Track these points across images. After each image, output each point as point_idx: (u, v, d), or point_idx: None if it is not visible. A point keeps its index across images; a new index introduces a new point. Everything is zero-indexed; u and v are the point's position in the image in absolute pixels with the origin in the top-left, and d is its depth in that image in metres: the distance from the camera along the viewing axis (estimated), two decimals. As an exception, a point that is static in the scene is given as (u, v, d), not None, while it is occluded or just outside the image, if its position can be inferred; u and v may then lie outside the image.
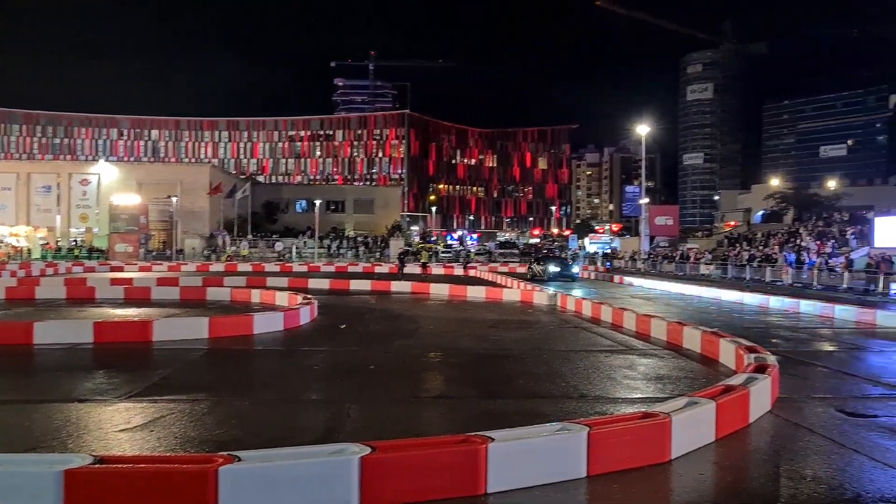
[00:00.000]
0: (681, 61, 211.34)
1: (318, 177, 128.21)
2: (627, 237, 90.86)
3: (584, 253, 75.48)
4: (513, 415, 8.00)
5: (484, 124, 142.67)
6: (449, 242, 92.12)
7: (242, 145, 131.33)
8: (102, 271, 46.05)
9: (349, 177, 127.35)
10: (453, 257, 67.09)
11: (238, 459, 4.95)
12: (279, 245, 69.87)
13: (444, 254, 72.43)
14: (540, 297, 24.94)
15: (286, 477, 4.95)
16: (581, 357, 12.73)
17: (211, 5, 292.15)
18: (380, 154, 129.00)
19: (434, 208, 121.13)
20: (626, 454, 6.12)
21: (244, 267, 51.15)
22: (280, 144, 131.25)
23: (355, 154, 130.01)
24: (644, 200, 67.43)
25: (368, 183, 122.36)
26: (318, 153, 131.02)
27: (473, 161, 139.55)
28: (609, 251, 74.00)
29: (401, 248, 57.91)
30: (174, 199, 67.12)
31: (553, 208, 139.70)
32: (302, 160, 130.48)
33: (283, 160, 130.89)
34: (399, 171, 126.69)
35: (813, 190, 79.15)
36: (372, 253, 71.00)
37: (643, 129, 63.17)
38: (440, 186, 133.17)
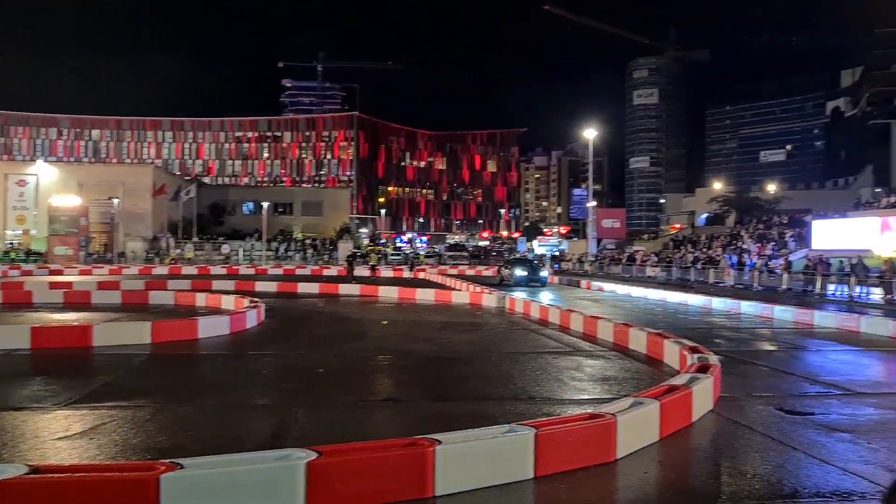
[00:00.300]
0: (627, 66, 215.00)
1: (266, 178, 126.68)
2: (575, 240, 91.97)
3: (533, 255, 76.14)
4: (461, 417, 8.00)
5: (433, 127, 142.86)
6: (398, 245, 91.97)
7: (187, 146, 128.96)
8: (41, 275, 44.62)
9: (297, 179, 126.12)
10: (402, 260, 66.98)
11: (180, 467, 4.83)
12: (226, 248, 68.81)
13: (394, 256, 72.30)
14: (489, 300, 25.06)
15: (230, 484, 4.86)
16: (529, 359, 12.82)
17: (155, 2, 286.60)
18: (328, 156, 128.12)
19: (383, 211, 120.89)
20: (573, 455, 6.17)
21: (189, 270, 50.24)
22: (226, 145, 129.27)
23: (303, 156, 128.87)
24: (591, 203, 68.39)
25: (317, 185, 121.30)
26: (266, 154, 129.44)
27: (423, 163, 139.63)
28: (557, 253, 74.85)
29: (349, 251, 57.55)
30: (116, 201, 65.54)
31: (502, 211, 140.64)
32: (249, 161, 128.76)
33: (230, 161, 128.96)
34: (348, 174, 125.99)
35: (754, 193, 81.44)
36: (320, 255, 70.44)
37: (591, 133, 64.01)
38: (389, 189, 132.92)
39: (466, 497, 5.53)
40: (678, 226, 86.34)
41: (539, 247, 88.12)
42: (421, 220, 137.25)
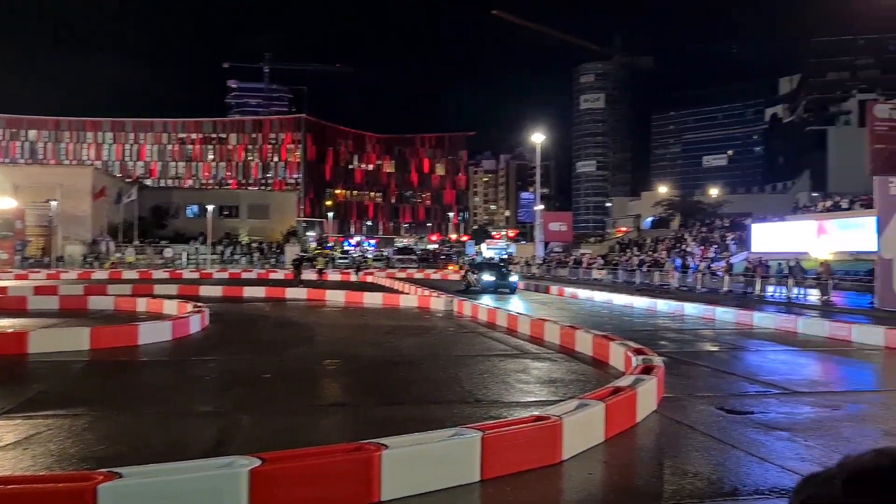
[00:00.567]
0: (574, 71, 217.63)
1: (211, 181, 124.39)
2: (523, 243, 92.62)
3: (482, 258, 76.42)
4: (408, 421, 7.98)
5: (382, 130, 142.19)
6: (346, 248, 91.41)
7: (128, 147, 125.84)
8: (-27, 280, 43.08)
9: (243, 181, 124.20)
10: (350, 263, 66.57)
11: (119, 476, 4.70)
12: (168, 251, 67.42)
13: (342, 260, 71.80)
14: (437, 303, 25.09)
15: (171, 493, 4.75)
16: (477, 362, 12.86)
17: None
18: (275, 158, 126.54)
19: (331, 214, 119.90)
20: (519, 457, 6.21)
21: (130, 274, 49.05)
22: (169, 147, 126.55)
23: (250, 158, 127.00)
24: (539, 207, 68.94)
25: (263, 188, 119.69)
26: (211, 157, 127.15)
27: (371, 166, 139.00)
28: (505, 256, 75.29)
29: (296, 255, 56.93)
30: (54, 204, 63.60)
31: (451, 214, 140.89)
32: (193, 164, 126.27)
33: (173, 163, 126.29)
34: (295, 176, 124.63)
35: (697, 197, 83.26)
36: (267, 259, 69.55)
37: (538, 137, 64.57)
38: (337, 192, 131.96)
39: (413, 501, 5.52)
40: (624, 229, 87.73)
41: (487, 250, 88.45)
42: (369, 224, 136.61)
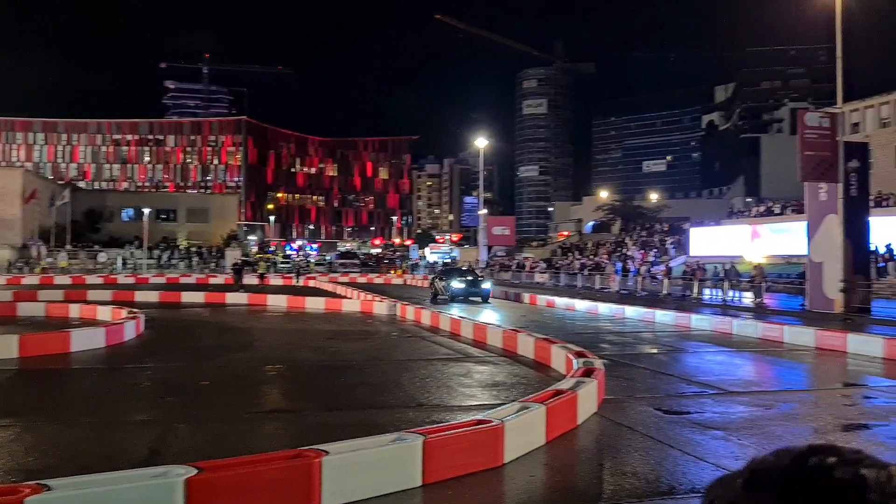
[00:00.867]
0: (517, 77, 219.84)
1: (148, 184, 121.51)
2: (467, 247, 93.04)
3: (425, 262, 76.47)
4: (350, 426, 7.91)
5: (325, 133, 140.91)
6: (288, 253, 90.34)
7: (61, 149, 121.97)
8: None
9: (182, 184, 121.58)
10: (292, 268, 65.79)
11: (48, 489, 4.53)
12: (103, 256, 65.50)
13: (283, 264, 70.93)
14: (380, 307, 24.98)
15: (102, 505, 4.60)
16: (419, 366, 12.84)
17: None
18: (215, 161, 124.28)
19: (273, 217, 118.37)
20: (461, 461, 6.20)
21: (63, 280, 47.51)
22: (104, 148, 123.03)
23: (188, 161, 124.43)
24: (482, 211, 69.35)
25: (203, 191, 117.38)
26: (147, 159, 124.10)
27: (314, 170, 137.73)
28: (449, 261, 75.51)
29: (236, 259, 55.97)
30: (-19, 207, 61.21)
31: (394, 218, 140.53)
32: (129, 166, 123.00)
33: (108, 165, 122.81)
34: (236, 179, 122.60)
35: (637, 202, 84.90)
36: (206, 264, 68.24)
37: (482, 142, 64.98)
38: (279, 195, 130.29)
39: (354, 508, 5.46)
40: (566, 233, 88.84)
41: (431, 254, 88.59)
42: (311, 228, 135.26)
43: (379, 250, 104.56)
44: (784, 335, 17.02)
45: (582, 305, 27.69)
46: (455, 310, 24.77)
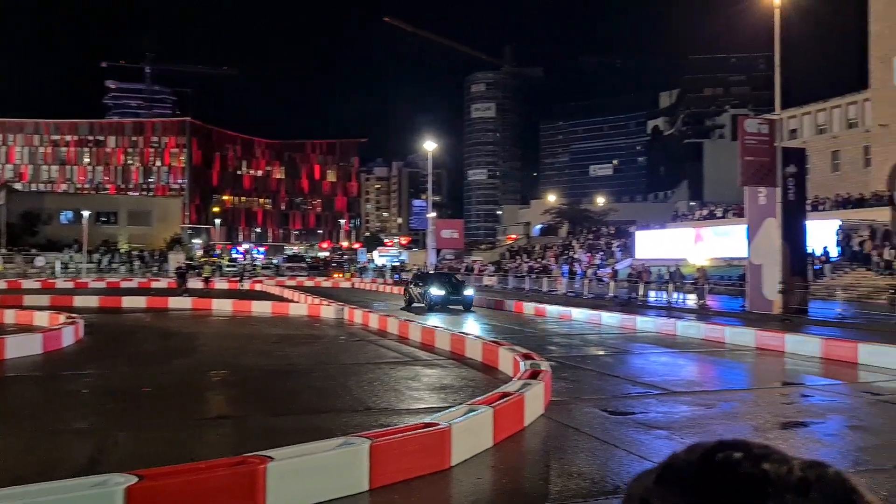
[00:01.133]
0: (465, 81, 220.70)
1: (87, 186, 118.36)
2: (415, 250, 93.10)
3: (374, 265, 76.16)
4: (296, 432, 7.81)
5: (271, 135, 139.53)
6: (234, 256, 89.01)
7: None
8: None
9: (123, 186, 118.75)
10: (238, 271, 64.81)
11: (-23, 502, 4.37)
12: (40, 260, 63.56)
13: (229, 268, 69.82)
14: (327, 311, 24.78)
15: (36, 517, 4.45)
16: (367, 370, 12.77)
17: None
18: (158, 163, 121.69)
19: (218, 220, 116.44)
20: (408, 464, 6.18)
21: (-2, 284, 45.96)
22: (42, 149, 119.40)
23: (130, 162, 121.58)
24: (431, 214, 69.45)
25: (145, 193, 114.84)
26: (87, 160, 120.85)
27: (260, 172, 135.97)
28: (398, 264, 75.37)
29: (180, 263, 54.89)
30: (-90, 209, 58.89)
31: (342, 221, 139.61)
32: (67, 167, 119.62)
33: (46, 167, 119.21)
34: (180, 182, 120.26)
35: (584, 206, 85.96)
36: (149, 268, 66.85)
37: (430, 145, 64.98)
38: (225, 198, 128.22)
39: (300, 514, 5.39)
40: (514, 236, 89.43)
41: (380, 257, 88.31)
42: (258, 231, 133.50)
43: (327, 254, 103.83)
44: (726, 336, 17.43)
45: (529, 308, 27.89)
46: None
